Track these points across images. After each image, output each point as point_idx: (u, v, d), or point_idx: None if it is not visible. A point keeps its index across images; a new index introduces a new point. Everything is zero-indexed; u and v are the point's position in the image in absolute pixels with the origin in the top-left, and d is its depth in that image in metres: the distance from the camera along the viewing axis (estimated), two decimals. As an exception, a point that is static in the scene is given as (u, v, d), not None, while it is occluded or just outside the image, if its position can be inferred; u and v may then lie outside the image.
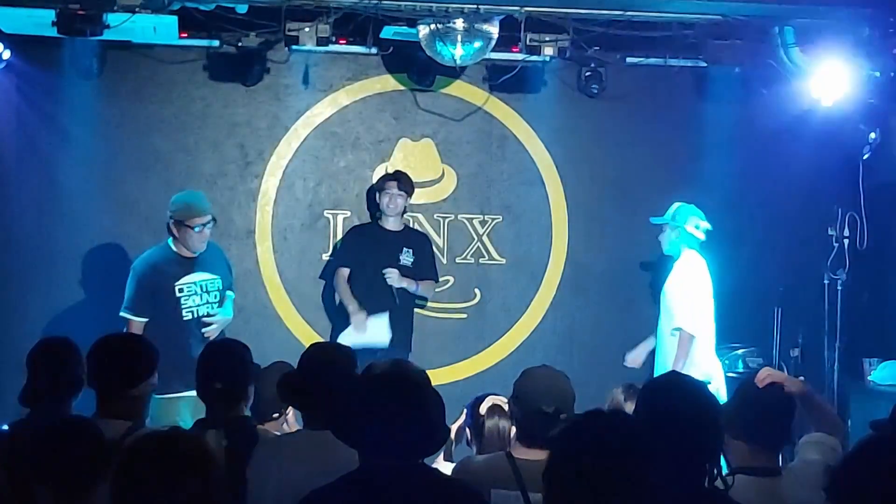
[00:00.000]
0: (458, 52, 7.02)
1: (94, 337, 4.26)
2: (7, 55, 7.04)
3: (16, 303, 7.49)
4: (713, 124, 7.96)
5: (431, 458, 3.87)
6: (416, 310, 7.68)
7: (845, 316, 7.76)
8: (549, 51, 7.15)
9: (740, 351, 7.72)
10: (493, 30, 7.02)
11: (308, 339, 7.45)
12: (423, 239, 7.72)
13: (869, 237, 7.69)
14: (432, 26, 6.96)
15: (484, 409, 4.51)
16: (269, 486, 3.80)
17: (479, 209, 8.11)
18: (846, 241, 7.71)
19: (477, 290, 8.13)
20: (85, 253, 7.56)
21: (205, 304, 6.61)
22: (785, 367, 7.52)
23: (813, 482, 3.12)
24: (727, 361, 7.40)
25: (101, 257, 7.56)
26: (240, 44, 7.40)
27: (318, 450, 3.76)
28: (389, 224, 7.50)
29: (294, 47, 7.04)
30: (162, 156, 7.72)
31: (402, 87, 7.96)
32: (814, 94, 7.39)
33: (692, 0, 7.01)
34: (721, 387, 6.83)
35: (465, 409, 4.66)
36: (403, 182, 7.44)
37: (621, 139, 8.18)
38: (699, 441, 3.03)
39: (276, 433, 4.56)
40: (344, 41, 7.40)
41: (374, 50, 7.57)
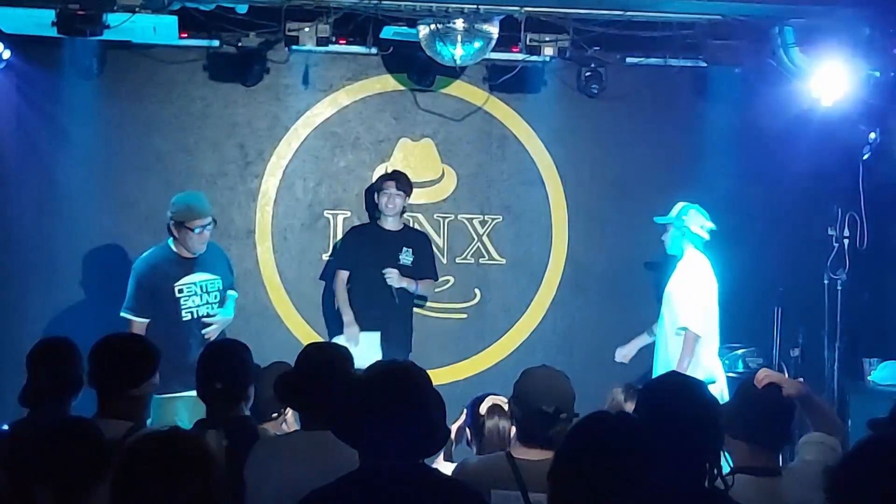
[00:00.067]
0: (458, 52, 7.03)
1: (95, 337, 4.26)
2: (7, 55, 7.06)
3: (16, 303, 7.49)
4: (713, 124, 7.97)
5: (431, 458, 3.87)
6: (415, 310, 7.69)
7: (845, 316, 7.76)
8: (549, 51, 7.15)
9: (740, 351, 7.72)
10: (493, 30, 7.02)
11: (308, 339, 7.45)
12: (422, 238, 7.72)
13: (869, 237, 7.68)
14: (432, 26, 6.97)
15: (484, 409, 4.51)
16: (266, 486, 3.79)
17: (479, 209, 8.11)
18: (846, 241, 7.70)
19: (477, 290, 8.13)
20: (85, 253, 7.56)
21: (205, 305, 6.61)
22: (785, 367, 7.51)
23: (813, 482, 3.11)
24: (727, 361, 7.39)
25: (101, 257, 7.56)
26: (240, 44, 7.41)
27: (316, 450, 3.76)
28: (388, 224, 7.51)
29: (294, 47, 7.04)
30: (162, 156, 7.72)
31: (402, 87, 7.95)
32: (814, 94, 7.39)
33: (692, 0, 7.02)
34: (724, 388, 6.83)
35: (465, 409, 4.66)
36: (402, 182, 7.44)
37: (621, 139, 8.18)
38: (699, 441, 3.03)
39: (276, 433, 4.56)
40: (344, 41, 7.40)
41: (374, 50, 7.57)
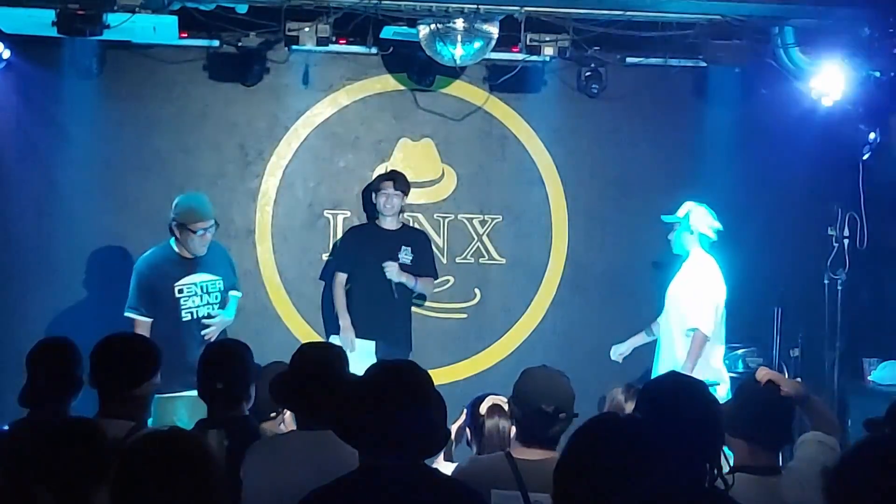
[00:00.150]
0: (458, 52, 7.03)
1: (95, 337, 4.26)
2: (7, 55, 7.06)
3: (16, 303, 7.48)
4: (713, 124, 7.97)
5: (431, 458, 3.87)
6: (415, 309, 7.69)
7: (845, 316, 7.75)
8: (549, 51, 7.15)
9: (740, 351, 7.72)
10: (493, 30, 7.02)
11: (308, 339, 7.41)
12: (421, 237, 7.72)
13: (869, 237, 7.68)
14: (432, 26, 6.97)
15: (484, 409, 4.51)
16: (262, 486, 3.79)
17: (479, 209, 8.11)
18: (846, 241, 7.70)
19: (477, 290, 8.12)
20: (85, 253, 7.55)
21: (205, 306, 6.60)
22: (785, 367, 7.50)
23: (812, 482, 3.11)
24: (727, 361, 7.37)
25: (101, 257, 7.56)
26: (240, 44, 7.41)
27: (312, 450, 3.77)
28: (387, 224, 7.50)
29: (294, 47, 7.04)
30: (162, 156, 7.71)
31: (402, 87, 7.95)
32: (814, 94, 7.39)
33: (692, 0, 7.02)
34: (729, 390, 6.81)
35: (465, 409, 4.66)
36: (399, 182, 7.44)
37: (621, 139, 8.18)
38: (699, 441, 3.02)
39: (276, 433, 4.56)
40: (344, 41, 7.40)
41: (374, 50, 7.56)
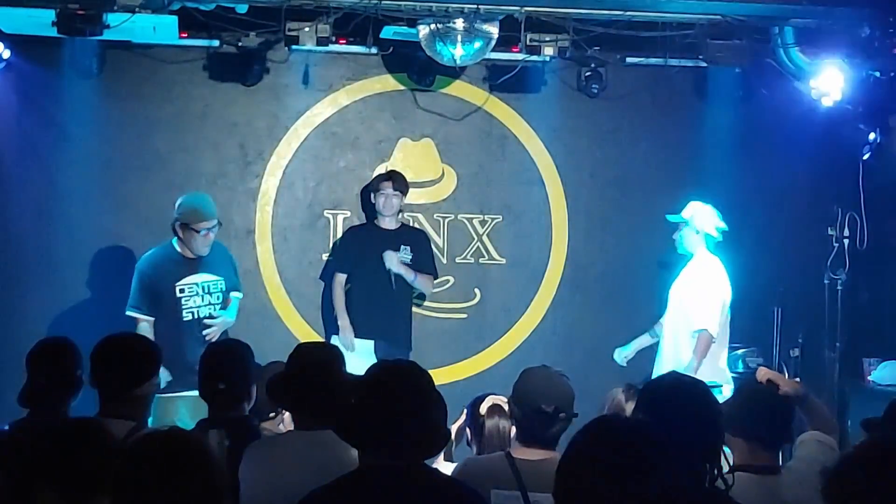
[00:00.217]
0: (458, 52, 7.03)
1: (95, 337, 4.25)
2: (7, 55, 7.06)
3: (16, 303, 7.48)
4: (713, 124, 7.96)
5: (431, 458, 3.87)
6: (416, 309, 7.69)
7: (845, 316, 7.75)
8: (549, 51, 7.15)
9: (740, 351, 7.70)
10: (493, 30, 7.02)
11: (308, 339, 7.42)
12: (420, 236, 7.72)
13: (869, 237, 7.68)
14: (432, 26, 6.97)
15: (484, 409, 4.51)
16: (260, 487, 3.79)
17: (479, 209, 8.11)
18: (846, 241, 7.70)
19: (477, 290, 8.12)
20: (85, 253, 7.55)
21: (206, 306, 6.60)
22: (785, 367, 7.50)
23: (812, 481, 3.11)
24: (727, 362, 7.38)
25: (100, 257, 7.55)
26: (240, 44, 7.41)
27: (309, 450, 3.77)
28: (386, 223, 7.50)
29: (294, 47, 7.04)
30: (162, 156, 7.71)
31: (402, 87, 7.95)
32: (814, 94, 7.39)
33: (692, 0, 7.02)
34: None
35: (465, 409, 4.66)
36: (398, 182, 7.43)
37: (621, 139, 8.18)
38: (699, 441, 3.02)
39: (276, 433, 4.56)
40: (344, 41, 7.39)
41: (374, 50, 7.55)
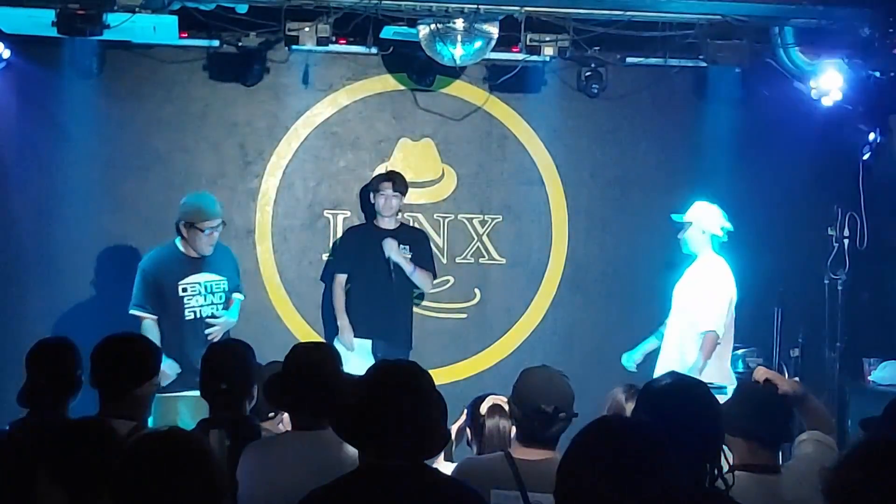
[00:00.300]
0: (458, 52, 7.03)
1: (95, 337, 4.25)
2: (7, 55, 7.06)
3: (16, 303, 7.48)
4: (713, 124, 7.96)
5: (432, 458, 3.87)
6: (416, 309, 7.69)
7: (845, 316, 7.76)
8: (549, 51, 7.14)
9: (740, 351, 7.68)
10: (493, 30, 7.02)
11: (308, 339, 7.43)
12: (419, 235, 7.72)
13: (869, 237, 7.69)
14: (432, 26, 6.97)
15: (484, 409, 4.50)
16: (257, 487, 3.79)
17: (479, 209, 8.11)
18: (846, 241, 7.70)
19: (477, 290, 8.12)
20: (85, 253, 7.54)
21: (209, 306, 6.60)
22: (785, 367, 7.50)
23: (812, 480, 3.12)
24: (727, 362, 7.39)
25: (100, 257, 7.56)
26: (240, 44, 7.41)
27: (306, 451, 3.78)
28: (385, 223, 7.50)
29: (294, 47, 7.04)
30: (162, 156, 7.71)
31: (402, 87, 7.95)
32: (814, 94, 7.39)
33: (692, 0, 7.02)
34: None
35: (466, 409, 4.66)
36: (398, 183, 7.43)
37: (621, 139, 8.19)
38: (699, 441, 3.02)
39: (275, 433, 4.56)
40: (344, 41, 7.39)
41: (374, 50, 7.55)
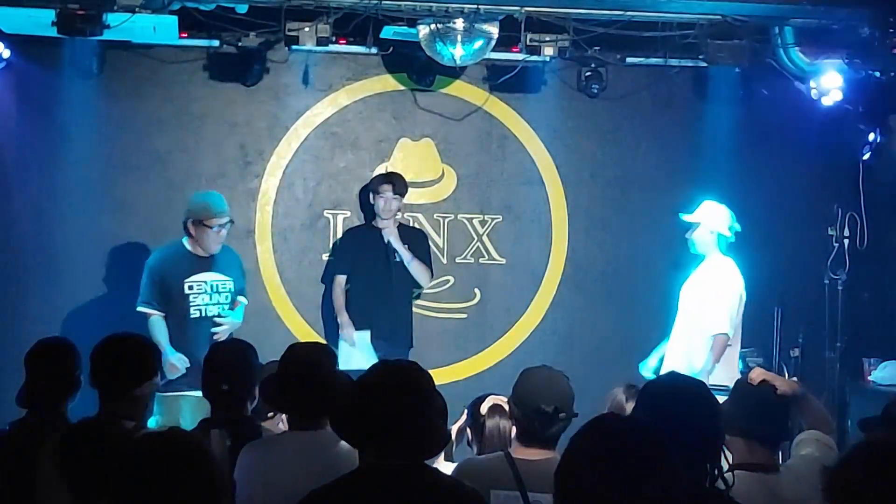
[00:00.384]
0: (458, 52, 7.03)
1: (95, 337, 4.25)
2: (7, 55, 7.06)
3: (16, 303, 7.48)
4: (713, 124, 7.96)
5: (432, 458, 3.87)
6: (416, 309, 7.69)
7: (845, 316, 7.75)
8: (549, 51, 7.15)
9: (740, 351, 7.71)
10: (493, 30, 7.02)
11: (308, 339, 7.43)
12: (418, 234, 7.72)
13: (869, 237, 7.69)
14: (432, 26, 6.97)
15: (484, 409, 4.51)
16: (255, 488, 3.79)
17: (479, 209, 8.11)
18: (846, 241, 7.70)
19: (477, 290, 8.12)
20: (85, 253, 7.53)
21: (215, 305, 6.61)
22: (785, 367, 7.50)
23: (811, 479, 3.12)
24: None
25: (100, 257, 7.55)
26: (240, 44, 7.41)
27: (304, 451, 3.78)
28: (384, 224, 7.49)
29: (294, 47, 7.04)
30: (162, 156, 7.71)
31: (402, 87, 7.95)
32: (814, 94, 7.39)
33: (692, 0, 7.02)
34: None
35: (466, 410, 4.66)
36: (398, 185, 7.42)
37: (621, 139, 8.18)
38: (699, 441, 3.02)
39: (274, 433, 4.56)
40: (344, 41, 7.40)
41: (374, 50, 7.55)
